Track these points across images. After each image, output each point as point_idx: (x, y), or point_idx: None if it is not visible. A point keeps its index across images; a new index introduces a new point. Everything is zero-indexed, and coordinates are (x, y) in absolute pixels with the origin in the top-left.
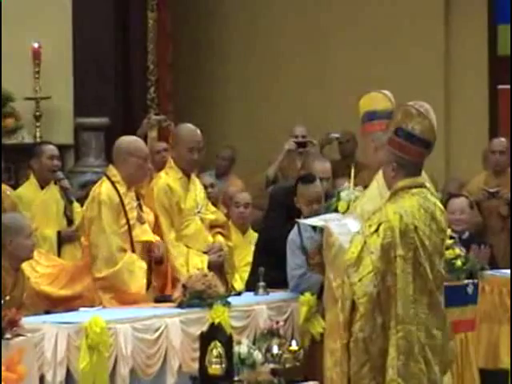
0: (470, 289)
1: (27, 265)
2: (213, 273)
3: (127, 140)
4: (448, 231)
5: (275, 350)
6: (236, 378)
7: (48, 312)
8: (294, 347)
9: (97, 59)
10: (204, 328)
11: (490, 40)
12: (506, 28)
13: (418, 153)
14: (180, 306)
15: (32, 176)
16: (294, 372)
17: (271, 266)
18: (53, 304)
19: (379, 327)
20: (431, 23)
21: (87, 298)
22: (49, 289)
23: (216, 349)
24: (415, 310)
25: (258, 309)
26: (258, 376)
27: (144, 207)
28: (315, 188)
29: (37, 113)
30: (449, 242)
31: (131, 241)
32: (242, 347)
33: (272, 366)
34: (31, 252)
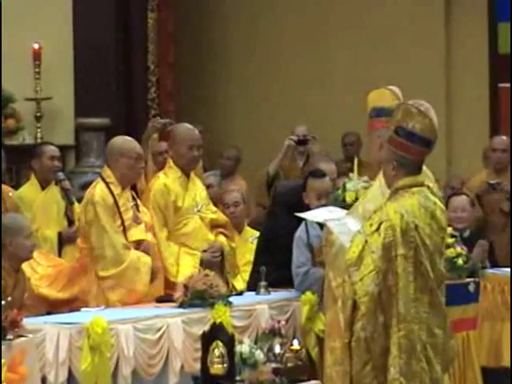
0: (472, 287)
1: (28, 266)
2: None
3: (119, 140)
4: (449, 229)
5: (277, 350)
6: (238, 378)
7: (49, 313)
8: (296, 346)
9: (97, 59)
10: (206, 328)
11: (491, 38)
12: (507, 26)
13: (419, 152)
14: (182, 306)
15: (33, 177)
16: (296, 371)
17: (274, 265)
18: (51, 307)
19: (381, 326)
20: (431, 22)
21: (82, 300)
22: (47, 291)
23: (218, 348)
24: (416, 309)
25: (260, 308)
26: (260, 376)
27: (141, 207)
28: (325, 183)
29: (37, 113)
30: (450, 241)
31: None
32: (244, 347)
33: (274, 366)
34: (31, 252)
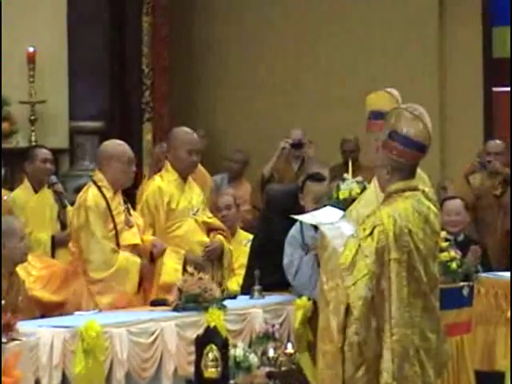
0: (466, 291)
1: (22, 269)
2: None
3: (111, 144)
4: (443, 233)
5: (271, 353)
6: (232, 382)
7: (43, 316)
8: (290, 350)
9: (92, 63)
10: (200, 331)
11: (485, 42)
12: (501, 30)
13: (413, 156)
14: (175, 310)
15: (26, 180)
16: (290, 375)
17: (268, 269)
18: (45, 309)
19: (374, 331)
20: (425, 26)
21: (75, 303)
22: (40, 294)
23: (212, 352)
24: (410, 314)
25: (254, 312)
26: (254, 379)
27: (132, 211)
28: (323, 187)
29: (32, 117)
30: (444, 245)
31: (118, 245)
32: (238, 350)
33: (268, 370)
34: (25, 255)
